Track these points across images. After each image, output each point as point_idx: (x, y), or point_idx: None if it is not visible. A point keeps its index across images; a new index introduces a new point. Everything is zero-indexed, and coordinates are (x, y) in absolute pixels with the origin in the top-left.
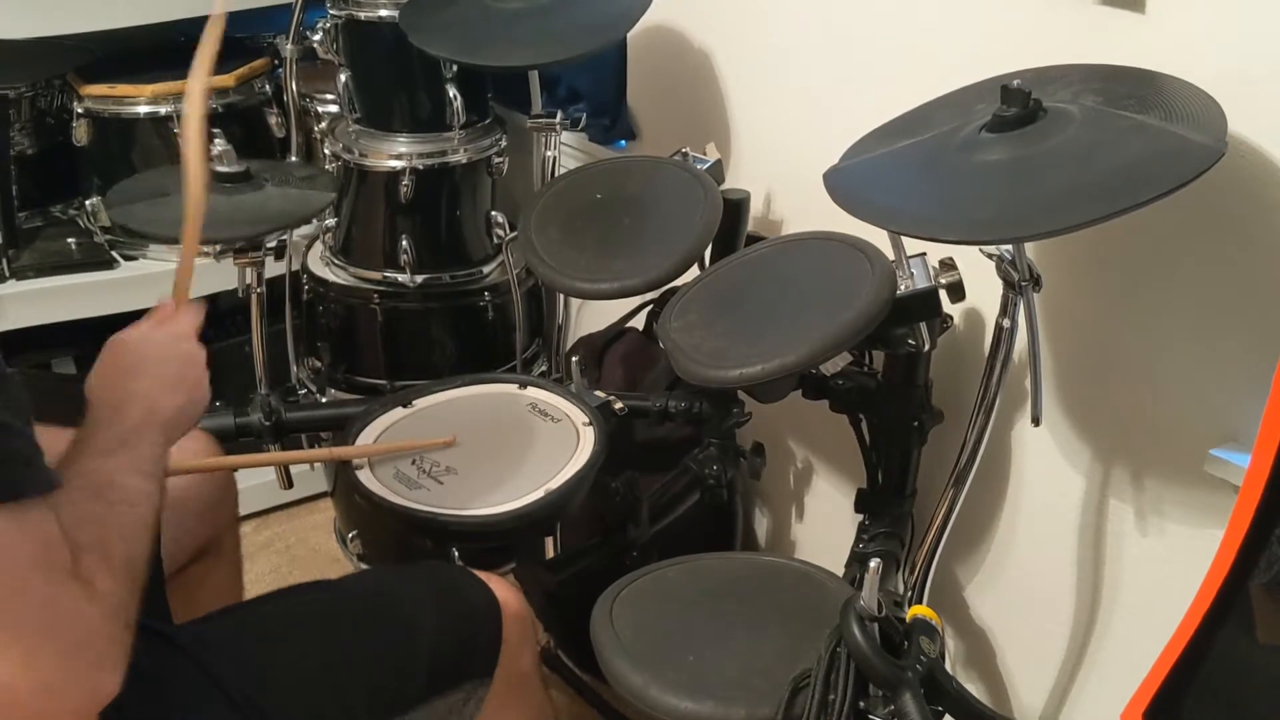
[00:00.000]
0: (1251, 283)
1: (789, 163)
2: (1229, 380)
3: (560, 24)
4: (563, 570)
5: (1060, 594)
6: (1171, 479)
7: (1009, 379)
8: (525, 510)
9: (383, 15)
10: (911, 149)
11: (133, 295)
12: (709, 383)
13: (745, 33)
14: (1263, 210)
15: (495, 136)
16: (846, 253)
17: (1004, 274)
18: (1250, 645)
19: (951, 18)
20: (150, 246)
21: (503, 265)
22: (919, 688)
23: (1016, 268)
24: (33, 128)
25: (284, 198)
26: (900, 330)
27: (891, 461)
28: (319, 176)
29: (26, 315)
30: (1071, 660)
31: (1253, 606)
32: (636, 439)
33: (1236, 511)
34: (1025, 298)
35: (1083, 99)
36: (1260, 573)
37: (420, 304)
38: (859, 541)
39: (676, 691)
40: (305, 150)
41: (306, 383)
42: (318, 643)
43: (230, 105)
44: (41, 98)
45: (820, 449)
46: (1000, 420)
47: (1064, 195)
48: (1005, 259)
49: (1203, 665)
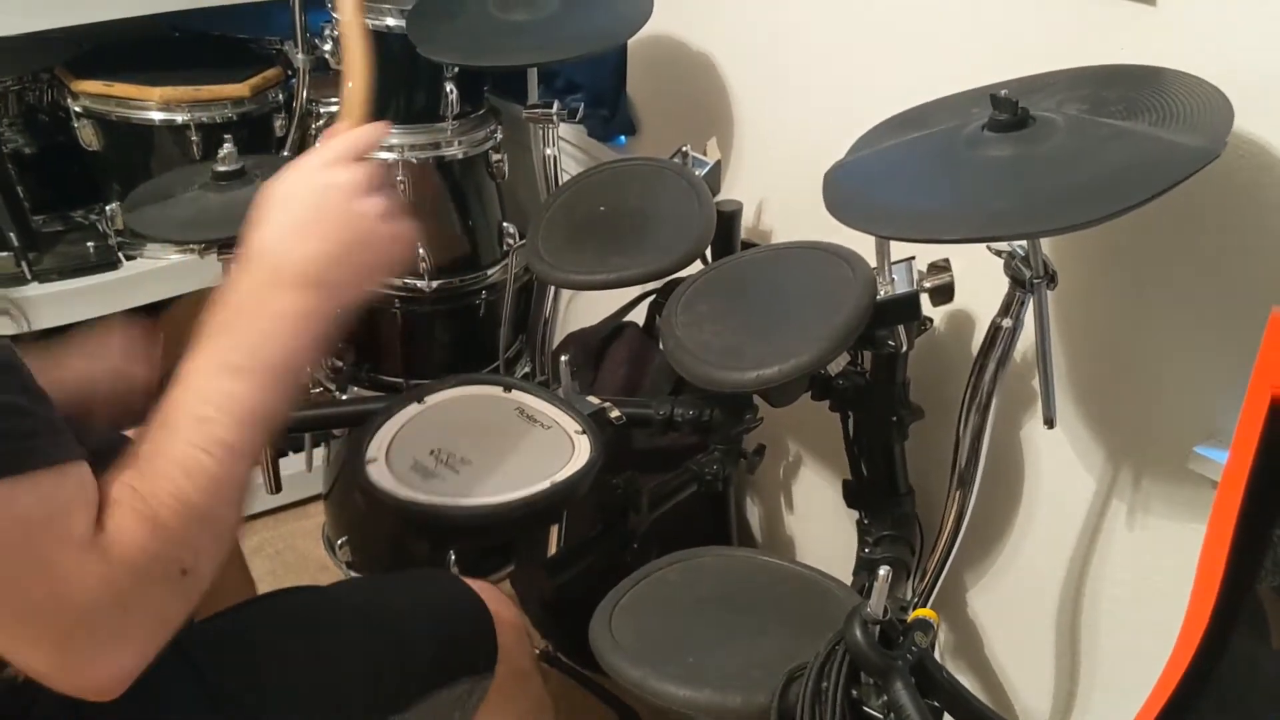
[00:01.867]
0: (1240, 280)
1: (791, 161)
2: (1214, 377)
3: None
4: (561, 572)
5: (1063, 594)
6: (1160, 477)
7: (1010, 379)
8: (528, 499)
9: (390, 25)
10: (919, 143)
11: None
12: (723, 386)
13: (746, 28)
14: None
15: (490, 128)
16: (830, 260)
17: (1013, 271)
18: (1266, 653)
19: (960, 12)
20: (147, 246)
21: (504, 267)
22: (910, 677)
23: (1029, 264)
24: (23, 124)
25: None
26: (882, 332)
27: (874, 455)
28: None
29: (49, 316)
30: (1069, 659)
31: (1266, 612)
32: (635, 448)
33: (1216, 510)
34: (1038, 295)
35: (1066, 107)
36: (1268, 575)
37: (432, 307)
38: (863, 545)
39: (675, 681)
40: (299, 145)
41: (324, 382)
42: (311, 647)
43: (245, 114)
44: (29, 91)
45: (808, 443)
46: (1009, 421)
47: (1085, 186)
48: (1017, 255)
49: (1214, 674)
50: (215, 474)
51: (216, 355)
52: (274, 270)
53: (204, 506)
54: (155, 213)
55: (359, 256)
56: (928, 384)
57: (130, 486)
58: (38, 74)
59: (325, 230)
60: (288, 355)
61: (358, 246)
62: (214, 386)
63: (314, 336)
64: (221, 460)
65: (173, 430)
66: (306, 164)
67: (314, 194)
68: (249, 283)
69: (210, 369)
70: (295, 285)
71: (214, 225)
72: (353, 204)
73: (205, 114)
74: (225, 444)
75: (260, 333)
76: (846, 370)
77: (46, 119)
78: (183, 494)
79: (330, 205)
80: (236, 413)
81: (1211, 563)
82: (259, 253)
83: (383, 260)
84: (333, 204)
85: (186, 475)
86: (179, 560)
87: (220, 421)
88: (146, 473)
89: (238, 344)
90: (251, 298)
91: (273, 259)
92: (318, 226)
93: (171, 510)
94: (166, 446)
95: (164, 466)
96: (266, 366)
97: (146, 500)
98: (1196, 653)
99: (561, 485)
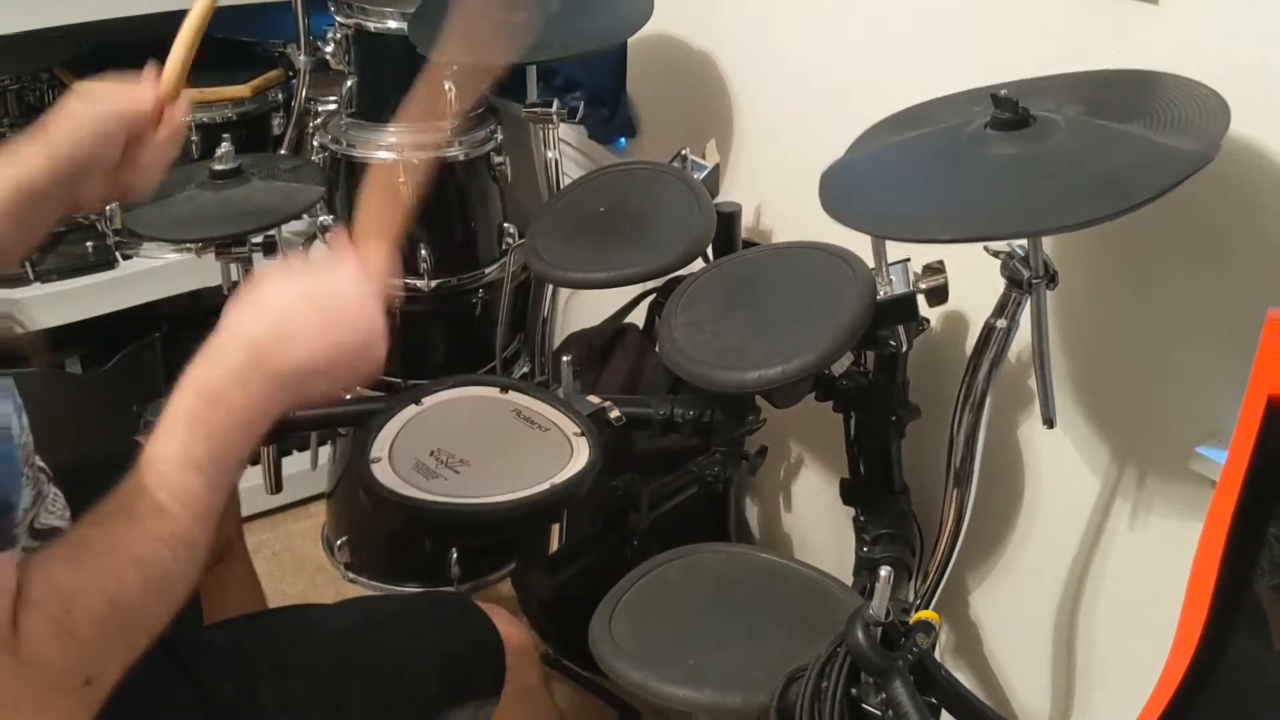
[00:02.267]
0: (1245, 278)
1: (790, 163)
2: (1216, 377)
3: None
4: (562, 570)
5: (1064, 595)
6: (1162, 477)
7: (1010, 379)
8: (529, 500)
9: (390, 26)
10: (918, 142)
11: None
12: (724, 387)
13: (747, 31)
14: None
15: (490, 128)
16: (830, 260)
17: (1011, 271)
18: (1267, 654)
19: (960, 13)
20: (144, 244)
21: (502, 265)
22: (909, 675)
23: (1029, 264)
24: (26, 125)
25: (268, 191)
26: (883, 332)
27: (872, 454)
28: (304, 168)
29: (50, 316)
30: (1069, 659)
31: (1266, 611)
32: (636, 450)
33: (1213, 509)
34: (1036, 295)
35: (1066, 109)
36: (1265, 574)
37: (429, 306)
38: (861, 544)
39: (676, 682)
40: (296, 144)
41: None
42: (312, 667)
43: (244, 114)
44: (29, 91)
45: (806, 442)
46: (1010, 421)
47: (1090, 185)
48: (1016, 255)
49: (1214, 675)
50: (168, 570)
51: (184, 446)
52: (258, 364)
53: (138, 608)
54: (152, 212)
55: (343, 369)
56: (923, 384)
57: (54, 586)
58: (38, 74)
59: (322, 341)
60: (248, 448)
61: (345, 360)
62: (179, 480)
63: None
64: (177, 555)
65: (135, 520)
66: (319, 267)
67: (320, 302)
68: (228, 368)
69: (177, 461)
70: (276, 384)
71: (210, 224)
72: (356, 322)
73: (206, 114)
74: (184, 540)
75: (229, 426)
76: (850, 370)
77: None
78: (119, 595)
79: (334, 319)
80: (196, 509)
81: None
82: (247, 341)
83: (360, 376)
84: (337, 318)
85: (138, 568)
86: (85, 672)
87: (180, 518)
88: (85, 567)
89: (208, 435)
90: (228, 385)
91: (260, 352)
92: (316, 336)
93: (92, 619)
94: (124, 537)
95: (113, 561)
96: (229, 463)
97: (68, 607)
98: (1195, 653)
99: (560, 488)
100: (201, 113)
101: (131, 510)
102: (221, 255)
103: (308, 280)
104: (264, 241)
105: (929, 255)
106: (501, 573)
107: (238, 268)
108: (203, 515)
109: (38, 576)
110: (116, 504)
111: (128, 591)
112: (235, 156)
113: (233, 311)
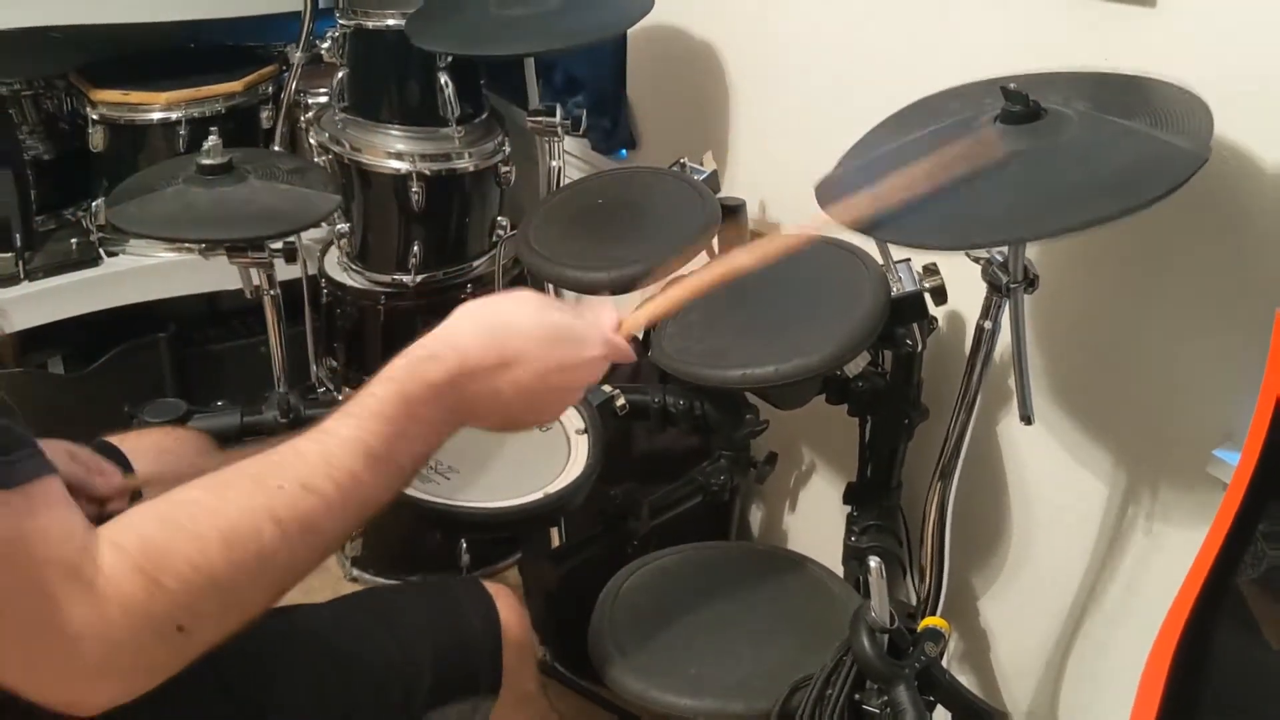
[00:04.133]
0: (1262, 280)
1: (787, 171)
2: (1233, 380)
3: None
4: (566, 561)
5: (1076, 601)
6: (1178, 481)
7: (999, 379)
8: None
9: (390, 24)
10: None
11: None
12: (706, 382)
13: (745, 40)
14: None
15: (497, 139)
16: (839, 255)
17: (990, 277)
18: (1267, 654)
19: (961, 14)
20: (130, 242)
21: (491, 258)
22: (914, 681)
23: (1007, 270)
24: (45, 131)
25: (272, 193)
26: (901, 330)
27: (881, 457)
28: (309, 171)
29: (35, 315)
30: (1075, 661)
31: (1249, 607)
32: (636, 451)
33: (1222, 509)
34: (1014, 300)
35: (1074, 104)
36: (1247, 569)
37: (414, 301)
38: (849, 534)
39: (677, 691)
40: (289, 139)
41: (326, 381)
42: (321, 661)
43: (233, 108)
44: (46, 99)
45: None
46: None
47: (1105, 181)
48: (995, 261)
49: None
50: (266, 548)
51: (365, 433)
52: (463, 386)
53: (226, 580)
54: (136, 208)
55: (526, 420)
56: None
57: (141, 537)
58: (52, 80)
59: (530, 390)
60: (423, 459)
61: (533, 415)
62: (346, 463)
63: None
64: (289, 536)
65: (256, 491)
66: (573, 310)
67: (552, 349)
68: (434, 387)
69: (352, 443)
70: (471, 416)
71: (201, 224)
72: (571, 381)
73: (197, 109)
74: (307, 524)
75: (412, 436)
76: (867, 371)
77: (66, 127)
78: (201, 562)
79: (555, 374)
80: (347, 497)
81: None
82: (465, 371)
83: (526, 426)
84: (559, 376)
85: (225, 542)
86: (176, 619)
87: (315, 499)
88: (172, 528)
89: (395, 435)
90: (428, 399)
91: (470, 374)
92: (528, 384)
93: (176, 576)
94: (225, 508)
95: (199, 530)
96: (402, 465)
97: (153, 559)
98: (1179, 644)
99: (554, 497)
100: (193, 108)
101: (261, 481)
102: (236, 258)
103: (556, 319)
104: (284, 248)
105: (925, 256)
106: (509, 561)
107: (259, 272)
108: (350, 507)
109: (130, 522)
110: (249, 470)
111: (211, 561)
112: (224, 151)
113: (466, 318)
